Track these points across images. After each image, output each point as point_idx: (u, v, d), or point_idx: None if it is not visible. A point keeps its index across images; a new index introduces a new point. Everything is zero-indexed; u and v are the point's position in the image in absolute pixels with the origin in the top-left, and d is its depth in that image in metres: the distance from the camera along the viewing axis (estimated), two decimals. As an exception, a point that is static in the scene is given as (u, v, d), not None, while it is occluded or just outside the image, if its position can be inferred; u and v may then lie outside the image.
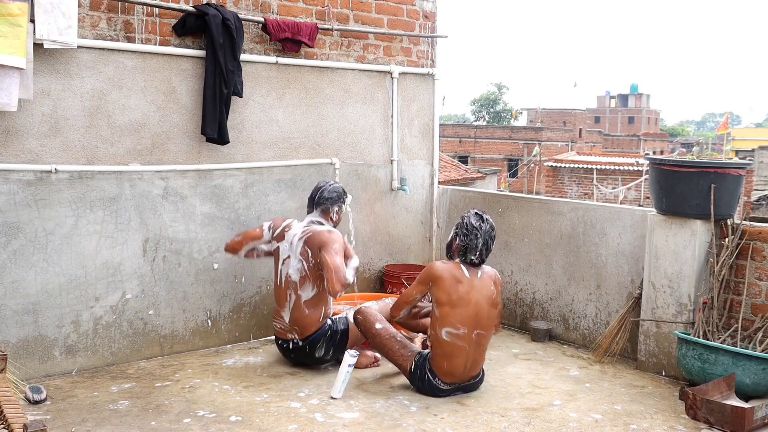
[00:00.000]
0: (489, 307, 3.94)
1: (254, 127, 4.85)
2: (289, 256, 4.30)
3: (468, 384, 4.03)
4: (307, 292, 4.24)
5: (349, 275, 4.20)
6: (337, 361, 4.18)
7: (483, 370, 4.11)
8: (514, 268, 5.46)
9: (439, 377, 3.93)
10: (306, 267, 4.23)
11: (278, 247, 4.39)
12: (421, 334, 4.44)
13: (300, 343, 4.27)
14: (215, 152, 4.68)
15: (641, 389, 4.20)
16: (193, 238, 4.63)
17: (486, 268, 4.04)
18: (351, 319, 4.32)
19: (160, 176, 4.47)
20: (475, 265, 3.96)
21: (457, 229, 4.00)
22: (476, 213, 4.00)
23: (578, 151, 35.99)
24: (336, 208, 4.44)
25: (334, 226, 4.43)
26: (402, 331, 4.33)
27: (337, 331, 4.30)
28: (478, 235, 3.91)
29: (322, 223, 4.38)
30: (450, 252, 4.05)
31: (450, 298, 3.85)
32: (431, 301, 3.98)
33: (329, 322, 4.31)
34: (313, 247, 4.21)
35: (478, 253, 3.92)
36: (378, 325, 4.13)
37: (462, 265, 3.95)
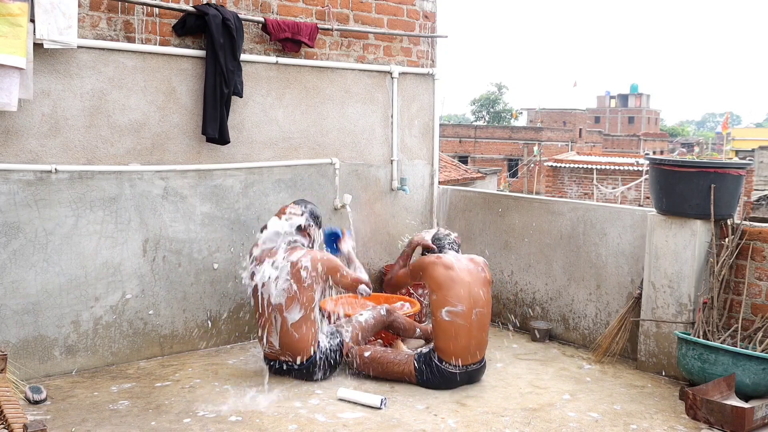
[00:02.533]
0: (482, 286, 4.11)
1: (254, 127, 4.85)
2: (270, 278, 4.08)
3: (474, 369, 4.12)
4: (294, 314, 4.05)
5: (361, 275, 4.39)
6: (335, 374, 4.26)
7: (484, 357, 4.22)
8: (514, 268, 5.46)
9: (447, 361, 4.01)
10: (296, 288, 4.05)
11: (253, 272, 4.15)
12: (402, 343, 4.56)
13: (295, 366, 4.13)
14: (215, 152, 4.68)
15: (641, 389, 4.20)
16: (193, 238, 4.63)
17: (473, 255, 4.29)
18: (345, 336, 4.26)
19: (160, 176, 4.47)
20: (456, 251, 4.28)
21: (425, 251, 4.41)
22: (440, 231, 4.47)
23: (578, 151, 36.00)
24: (312, 224, 4.29)
25: (312, 244, 4.30)
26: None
27: (332, 352, 4.17)
28: (440, 236, 4.37)
29: (302, 245, 4.22)
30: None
31: (443, 281, 4.03)
32: (425, 291, 4.21)
33: (323, 346, 4.14)
34: (309, 271, 4.06)
35: (449, 243, 4.30)
36: (367, 354, 4.18)
37: (447, 255, 4.20)
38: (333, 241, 4.61)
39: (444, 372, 4.02)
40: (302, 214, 4.26)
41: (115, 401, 3.80)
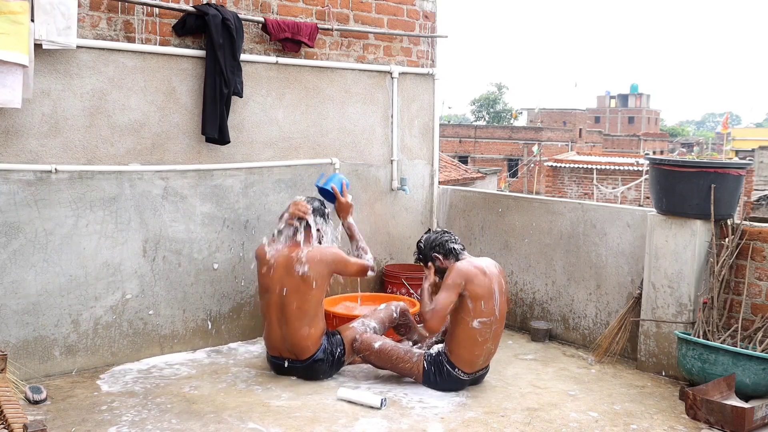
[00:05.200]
0: (504, 297, 4.11)
1: (254, 127, 4.85)
2: (282, 278, 4.13)
3: (481, 375, 4.16)
4: (300, 312, 4.08)
5: (366, 260, 4.42)
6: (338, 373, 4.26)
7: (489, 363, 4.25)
8: (514, 268, 5.46)
9: (459, 368, 4.01)
10: (302, 286, 4.09)
11: (268, 271, 4.18)
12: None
13: (298, 364, 4.15)
14: (215, 152, 4.68)
15: (641, 389, 4.20)
16: (193, 238, 4.63)
17: (490, 261, 4.17)
18: (352, 336, 4.23)
19: (160, 176, 4.47)
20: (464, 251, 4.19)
21: (433, 253, 4.15)
22: (425, 235, 4.27)
23: (578, 151, 36.00)
24: (321, 221, 4.29)
25: (320, 240, 4.29)
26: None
27: (335, 354, 4.17)
28: (443, 237, 4.18)
29: (308, 242, 4.22)
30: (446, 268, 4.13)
31: (484, 291, 3.95)
32: (463, 297, 3.93)
33: (325, 344, 4.15)
34: (316, 269, 4.09)
35: (457, 244, 4.17)
36: (377, 344, 4.14)
37: (471, 260, 4.08)
38: (330, 199, 4.61)
39: (454, 378, 4.02)
40: (312, 212, 4.25)
41: (115, 401, 3.80)
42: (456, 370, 4.01)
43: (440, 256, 4.13)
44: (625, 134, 53.87)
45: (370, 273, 4.42)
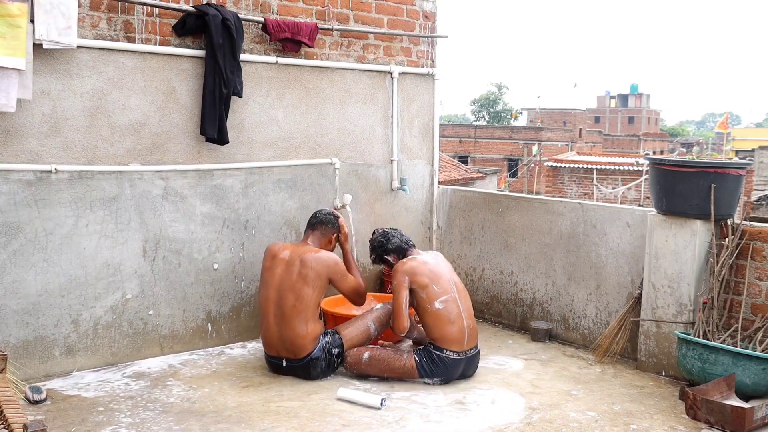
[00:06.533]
0: (457, 276, 4.41)
1: (254, 127, 4.85)
2: (282, 274, 4.20)
3: (472, 355, 4.23)
4: (297, 310, 4.11)
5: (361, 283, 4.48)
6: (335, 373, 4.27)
7: (477, 344, 4.35)
8: (514, 268, 5.46)
9: (446, 348, 4.10)
10: (301, 284, 4.14)
11: (271, 266, 4.28)
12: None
13: (296, 363, 4.16)
14: (215, 152, 4.68)
15: (641, 389, 4.20)
16: (193, 238, 4.63)
17: (430, 252, 4.51)
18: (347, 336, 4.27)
19: (160, 176, 4.47)
20: (413, 247, 4.47)
21: (380, 253, 4.49)
22: (375, 231, 4.61)
23: (578, 151, 35.99)
24: (334, 235, 4.51)
25: (332, 248, 4.51)
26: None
27: (332, 353, 4.19)
28: (391, 237, 4.47)
29: (315, 243, 4.42)
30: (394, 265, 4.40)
31: (430, 277, 4.17)
32: (413, 290, 4.19)
33: (323, 343, 4.16)
34: (315, 269, 4.17)
35: (404, 240, 4.46)
36: (365, 355, 4.19)
37: (412, 255, 4.36)
38: None
39: (445, 360, 4.09)
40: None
41: (115, 401, 3.80)
42: (445, 351, 4.09)
43: (390, 256, 4.45)
44: (625, 134, 53.87)
45: (359, 301, 4.46)
